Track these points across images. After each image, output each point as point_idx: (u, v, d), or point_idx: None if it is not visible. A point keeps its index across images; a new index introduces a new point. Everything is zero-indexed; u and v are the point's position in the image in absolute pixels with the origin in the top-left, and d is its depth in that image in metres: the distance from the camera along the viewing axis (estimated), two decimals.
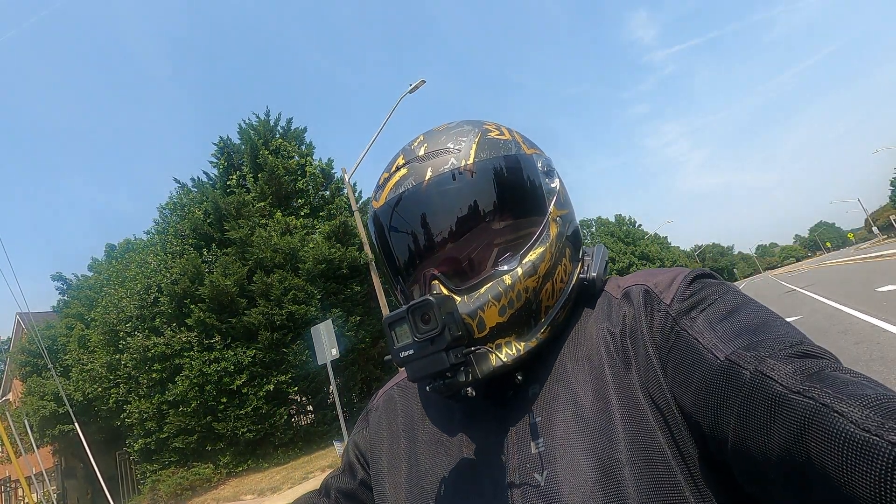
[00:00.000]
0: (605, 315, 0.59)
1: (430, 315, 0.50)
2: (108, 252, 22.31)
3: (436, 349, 0.49)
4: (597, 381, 0.54)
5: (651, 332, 0.53)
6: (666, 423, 0.49)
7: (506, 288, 0.56)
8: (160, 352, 13.05)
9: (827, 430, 0.35)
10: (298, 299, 13.51)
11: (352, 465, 0.71)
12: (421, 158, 0.60)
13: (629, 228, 57.80)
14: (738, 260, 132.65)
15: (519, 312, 0.56)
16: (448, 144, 0.61)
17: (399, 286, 0.64)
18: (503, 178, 0.60)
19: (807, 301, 13.34)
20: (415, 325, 0.50)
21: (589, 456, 0.49)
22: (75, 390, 15.83)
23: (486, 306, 0.55)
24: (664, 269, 0.61)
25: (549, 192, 0.63)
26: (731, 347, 0.46)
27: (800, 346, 0.44)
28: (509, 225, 0.60)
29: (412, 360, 0.51)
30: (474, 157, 0.59)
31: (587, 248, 0.68)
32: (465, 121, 0.66)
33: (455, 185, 0.58)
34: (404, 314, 0.51)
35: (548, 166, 0.66)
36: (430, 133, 0.64)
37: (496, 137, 0.62)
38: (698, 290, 0.55)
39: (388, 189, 0.61)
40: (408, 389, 0.71)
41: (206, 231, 14.72)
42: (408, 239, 0.61)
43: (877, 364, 5.10)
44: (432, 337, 0.49)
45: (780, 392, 0.39)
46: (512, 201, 0.60)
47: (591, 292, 0.63)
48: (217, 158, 17.06)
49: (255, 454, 13.21)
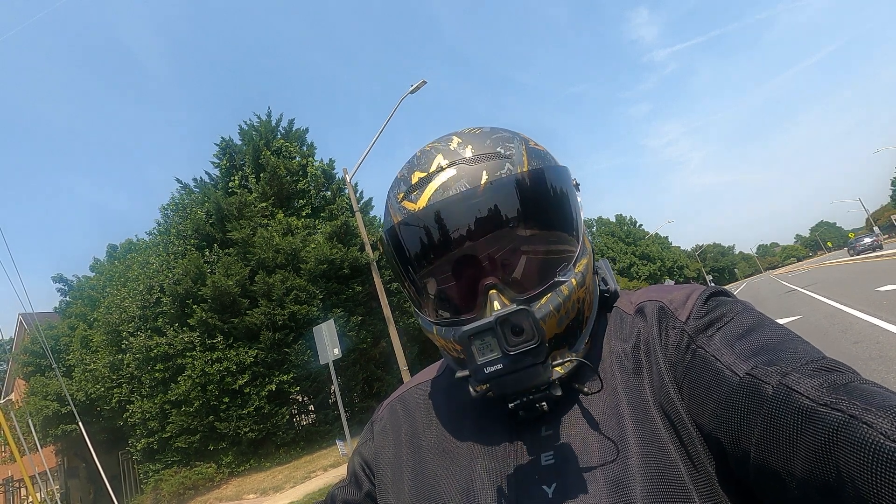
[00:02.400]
0: (617, 331, 0.59)
1: (524, 326, 0.47)
2: (109, 253, 22.35)
3: (534, 361, 0.47)
4: (609, 397, 0.53)
5: (665, 349, 0.53)
6: (679, 439, 0.49)
7: (564, 298, 0.55)
8: (162, 352, 13.08)
9: (856, 442, 0.35)
10: (300, 299, 13.54)
11: (357, 476, 0.70)
12: (470, 160, 0.57)
13: (630, 228, 57.75)
14: (739, 260, 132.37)
15: (572, 323, 0.56)
16: (497, 149, 0.58)
17: (431, 296, 0.60)
18: (553, 189, 0.58)
19: (807, 301, 13.36)
20: (504, 337, 0.47)
21: (600, 471, 0.49)
22: (78, 390, 15.86)
23: (548, 317, 0.54)
24: (678, 286, 0.61)
25: (579, 205, 0.63)
26: (751, 364, 0.45)
27: (822, 361, 0.44)
28: (558, 235, 0.59)
29: (503, 375, 0.47)
30: (528, 164, 0.58)
31: (597, 261, 0.68)
32: (496, 127, 0.63)
33: (514, 192, 0.55)
34: (492, 324, 0.47)
35: (575, 180, 0.65)
36: (466, 135, 0.61)
37: (537, 148, 0.62)
38: (714, 308, 0.54)
39: (430, 189, 0.57)
40: (411, 400, 0.70)
41: (208, 231, 14.75)
42: (458, 245, 0.56)
43: (876, 363, 5.12)
44: (529, 349, 0.46)
45: (807, 405, 0.39)
46: (560, 212, 0.59)
47: (609, 305, 0.63)
48: (219, 159, 17.08)
49: (258, 454, 13.23)
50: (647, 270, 53.19)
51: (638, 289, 0.66)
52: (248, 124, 16.93)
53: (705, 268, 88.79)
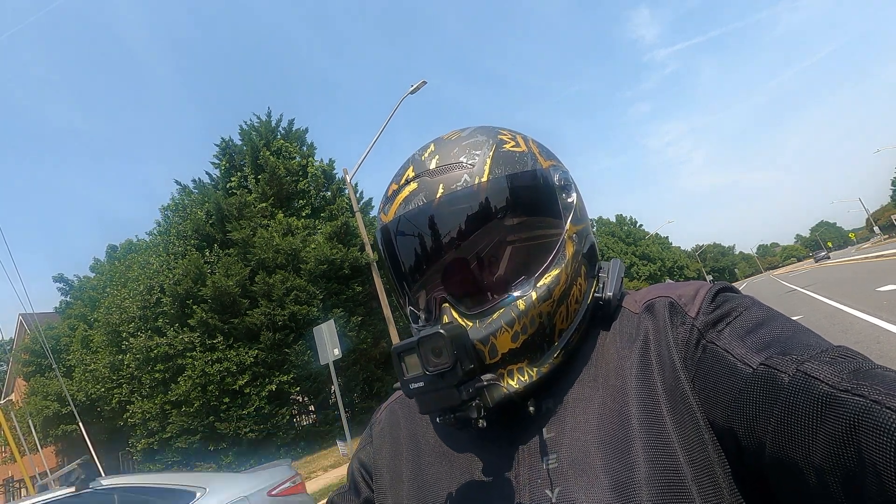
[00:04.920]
0: (624, 333, 0.57)
1: (441, 348, 0.47)
2: (109, 253, 22.39)
3: (447, 384, 0.47)
4: (616, 401, 0.52)
5: (676, 345, 0.52)
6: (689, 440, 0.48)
7: (519, 314, 0.53)
8: (163, 352, 13.10)
9: (880, 427, 0.34)
10: (300, 300, 13.55)
11: (356, 483, 0.70)
12: (432, 173, 0.57)
13: (630, 228, 57.85)
14: (740, 260, 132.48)
15: (532, 338, 0.54)
16: (461, 158, 0.57)
17: (406, 301, 0.62)
18: (518, 197, 0.56)
19: (807, 300, 13.37)
20: (425, 358, 0.48)
21: (604, 474, 0.48)
22: (78, 390, 15.88)
23: (498, 332, 0.52)
24: (684, 283, 0.60)
25: (565, 207, 0.60)
26: (765, 355, 0.45)
27: (838, 349, 0.43)
28: (523, 246, 0.57)
29: (422, 393, 0.49)
30: (488, 173, 0.56)
31: (602, 263, 0.65)
32: (478, 128, 0.62)
33: (467, 205, 0.55)
34: (414, 345, 0.48)
35: (565, 179, 0.62)
36: (442, 142, 0.61)
37: (511, 150, 0.59)
38: (723, 304, 0.53)
39: (397, 203, 0.58)
40: (408, 404, 0.70)
41: (208, 232, 14.77)
42: (416, 257, 0.58)
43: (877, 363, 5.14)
44: (443, 372, 0.47)
45: (827, 391, 0.38)
46: (527, 222, 0.57)
47: (607, 312, 0.60)
48: (219, 159, 17.12)
49: (258, 454, 13.22)
50: (648, 270, 53.21)
51: (639, 289, 0.64)
52: (248, 125, 16.97)
53: (705, 268, 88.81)
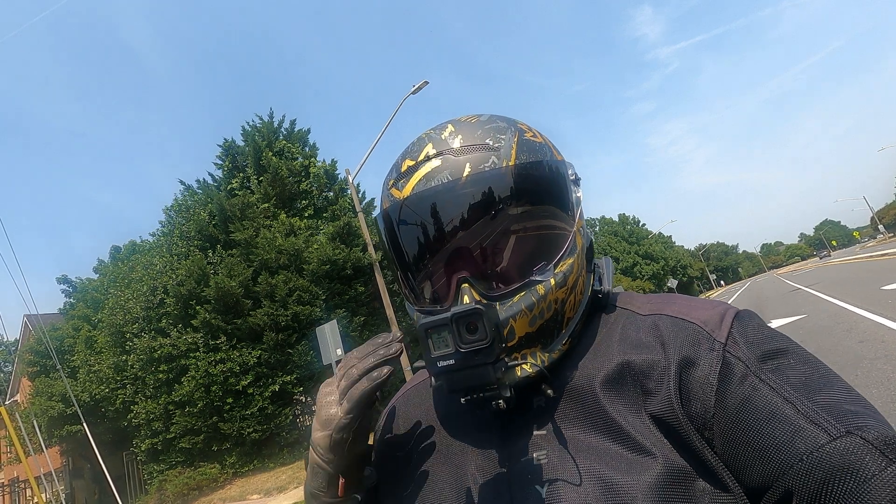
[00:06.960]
0: (628, 336, 0.57)
1: (478, 325, 0.46)
2: (112, 254, 22.45)
3: (482, 361, 0.46)
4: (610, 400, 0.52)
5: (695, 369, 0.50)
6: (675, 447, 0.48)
7: (539, 298, 0.54)
8: (166, 353, 13.13)
9: None
10: (303, 300, 13.56)
11: None
12: (457, 151, 0.56)
13: (633, 228, 57.67)
14: (743, 259, 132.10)
15: (547, 323, 0.55)
16: (486, 140, 0.57)
17: (413, 283, 0.61)
18: (541, 185, 0.57)
19: (811, 300, 13.30)
20: (459, 334, 0.47)
21: (593, 469, 0.49)
22: (83, 391, 15.93)
23: (517, 315, 0.53)
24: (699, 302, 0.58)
25: (575, 201, 0.61)
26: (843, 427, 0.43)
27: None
28: (544, 233, 0.57)
29: (454, 371, 0.47)
30: (515, 158, 0.56)
31: (597, 259, 0.67)
32: (495, 115, 0.62)
33: (495, 186, 0.54)
34: (447, 321, 0.47)
35: (575, 175, 0.63)
36: (461, 123, 0.60)
37: (532, 139, 0.59)
38: (764, 339, 0.51)
39: (415, 178, 0.56)
40: (410, 400, 0.71)
41: (211, 233, 14.80)
42: (437, 236, 0.56)
43: (882, 362, 5.09)
44: (480, 349, 0.46)
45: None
46: (548, 210, 0.58)
47: (603, 305, 0.63)
48: (221, 160, 17.13)
49: (261, 454, 13.27)
50: (651, 270, 53.03)
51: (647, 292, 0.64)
52: (251, 125, 16.97)
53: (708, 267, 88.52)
